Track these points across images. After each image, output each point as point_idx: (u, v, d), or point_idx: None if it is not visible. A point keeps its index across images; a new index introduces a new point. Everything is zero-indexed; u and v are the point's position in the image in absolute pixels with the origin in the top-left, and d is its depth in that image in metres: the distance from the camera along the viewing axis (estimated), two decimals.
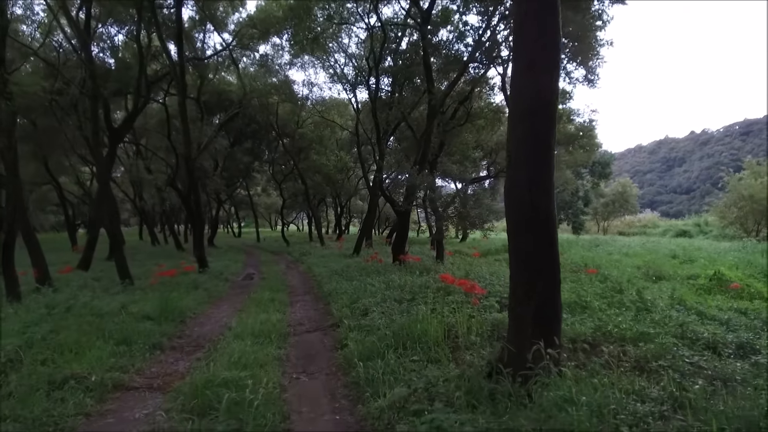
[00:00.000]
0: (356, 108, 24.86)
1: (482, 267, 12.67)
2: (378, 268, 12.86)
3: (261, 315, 7.96)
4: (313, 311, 9.07)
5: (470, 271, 10.58)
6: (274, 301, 9.65)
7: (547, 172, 4.65)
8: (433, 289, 8.21)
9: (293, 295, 11.17)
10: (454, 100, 16.95)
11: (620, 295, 8.21)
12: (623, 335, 5.91)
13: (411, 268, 12.20)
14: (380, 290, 9.09)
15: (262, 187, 48.69)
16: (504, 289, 8.09)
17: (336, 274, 12.83)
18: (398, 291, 8.75)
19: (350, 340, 6.09)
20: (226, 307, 9.67)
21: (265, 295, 10.28)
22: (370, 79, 17.39)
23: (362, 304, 7.97)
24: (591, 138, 18.80)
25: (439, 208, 14.73)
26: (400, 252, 15.25)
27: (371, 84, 16.36)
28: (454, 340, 5.79)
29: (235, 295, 11.38)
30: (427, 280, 9.70)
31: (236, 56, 25.78)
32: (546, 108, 4.62)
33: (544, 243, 4.65)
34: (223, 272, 15.52)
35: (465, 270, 11.25)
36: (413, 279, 9.93)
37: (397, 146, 24.41)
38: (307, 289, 12.20)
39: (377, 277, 10.91)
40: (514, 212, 4.76)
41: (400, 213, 15.10)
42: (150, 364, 5.90)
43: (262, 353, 5.58)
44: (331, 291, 10.06)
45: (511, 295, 4.90)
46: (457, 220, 14.17)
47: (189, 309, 8.87)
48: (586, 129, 18.26)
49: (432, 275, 10.64)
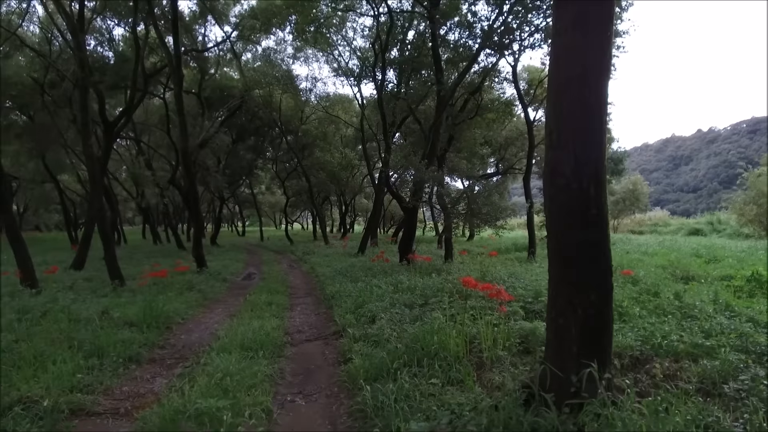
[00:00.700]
0: (361, 103, 23.98)
1: (496, 267, 11.76)
2: (384, 268, 11.98)
3: (255, 321, 7.07)
4: (314, 316, 8.18)
5: (485, 272, 9.64)
6: (272, 304, 8.75)
7: (599, 151, 3.74)
8: (447, 292, 7.31)
9: (293, 297, 10.28)
10: (463, 92, 16.03)
11: (657, 299, 7.29)
12: (675, 348, 5.00)
13: (420, 269, 11.30)
14: (388, 293, 8.20)
15: (266, 186, 47.87)
16: (527, 293, 7.20)
17: (340, 274, 11.95)
18: (408, 294, 7.85)
19: (355, 354, 5.20)
20: (220, 311, 8.80)
21: (262, 297, 9.40)
22: (376, 71, 16.46)
23: (368, 310, 7.07)
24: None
25: (447, 204, 13.84)
26: (407, 251, 14.36)
27: (377, 75, 15.44)
28: (478, 355, 4.89)
29: (232, 297, 10.52)
30: (440, 281, 8.80)
31: (238, 50, 24.97)
32: (599, 72, 3.70)
33: (595, 240, 3.73)
34: (222, 272, 14.68)
35: (480, 271, 10.34)
36: (424, 281, 9.03)
37: (403, 142, 23.52)
38: (308, 291, 11.32)
39: (384, 278, 10.02)
40: (556, 203, 3.84)
41: (408, 210, 14.20)
42: (122, 381, 5.02)
43: (250, 371, 4.68)
44: (334, 293, 9.16)
45: (551, 303, 3.99)
46: (467, 217, 13.24)
47: (178, 313, 7.99)
48: None
49: (444, 276, 9.74)
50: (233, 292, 11.48)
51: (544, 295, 6.88)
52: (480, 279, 8.10)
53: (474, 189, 14.93)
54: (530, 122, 17.59)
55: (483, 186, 13.66)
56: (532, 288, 7.51)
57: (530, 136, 17.53)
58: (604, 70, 3.73)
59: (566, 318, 3.81)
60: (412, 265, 12.26)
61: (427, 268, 11.03)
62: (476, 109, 16.88)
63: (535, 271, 11.14)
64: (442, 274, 10.26)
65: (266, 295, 9.72)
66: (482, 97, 17.25)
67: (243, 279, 14.48)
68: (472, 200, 12.87)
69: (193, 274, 13.75)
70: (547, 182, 3.89)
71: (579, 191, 3.69)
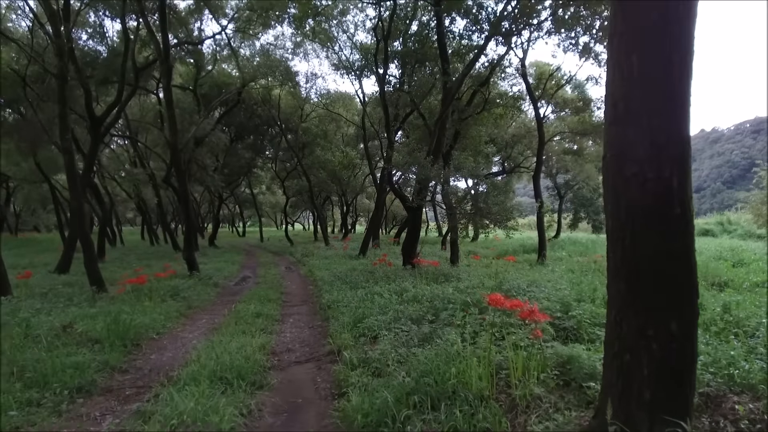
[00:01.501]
0: (362, 99, 22.97)
1: (509, 272, 10.72)
2: (387, 272, 10.95)
3: (239, 338, 6.05)
4: (308, 330, 7.13)
5: (502, 279, 8.60)
6: (261, 316, 7.71)
7: (684, 128, 2.72)
8: (460, 304, 6.28)
9: (287, 305, 9.24)
10: (471, 84, 14.99)
11: (703, 313, 6.24)
12: (748, 380, 3.97)
13: (426, 274, 10.28)
14: (391, 304, 7.17)
15: (266, 186, 46.87)
16: (551, 305, 6.15)
17: (339, 279, 10.92)
18: (415, 306, 6.82)
19: (352, 387, 4.17)
20: (203, 323, 7.77)
21: (251, 307, 8.35)
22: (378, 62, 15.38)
23: (369, 325, 6.04)
24: None
25: (453, 203, 12.81)
26: (411, 254, 13.34)
27: (379, 66, 14.37)
28: (506, 391, 3.85)
29: (221, 305, 9.50)
30: (450, 290, 7.77)
31: (236, 46, 23.96)
32: (686, 15, 2.68)
33: (678, 250, 2.71)
34: (214, 276, 13.66)
35: (492, 277, 9.32)
36: (432, 289, 8.00)
37: (406, 140, 22.49)
38: (304, 298, 10.27)
39: (387, 285, 9.00)
40: (624, 199, 2.79)
41: (412, 210, 13.17)
42: (61, 422, 3.99)
43: (216, 415, 3.65)
44: (331, 302, 8.13)
45: (612, 333, 2.96)
46: (474, 217, 12.18)
47: (153, 327, 6.97)
48: None
49: (454, 284, 8.71)
50: (223, 298, 10.46)
51: (573, 308, 5.85)
52: (497, 288, 7.08)
53: (480, 187, 13.90)
54: (540, 117, 16.56)
55: (490, 184, 12.57)
56: (556, 299, 6.46)
57: (540, 132, 16.48)
58: (691, 14, 2.70)
59: (636, 354, 2.79)
60: (418, 269, 11.25)
61: (434, 274, 10.00)
62: (483, 103, 15.83)
63: (551, 276, 10.10)
64: (451, 281, 9.24)
65: (256, 304, 8.69)
66: (489, 91, 16.21)
67: (236, 283, 13.48)
68: (480, 199, 11.81)
69: (182, 278, 12.76)
70: (612, 171, 2.85)
71: (657, 182, 2.66)
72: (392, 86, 15.51)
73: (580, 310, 5.62)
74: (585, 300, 6.58)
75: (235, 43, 23.65)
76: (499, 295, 4.16)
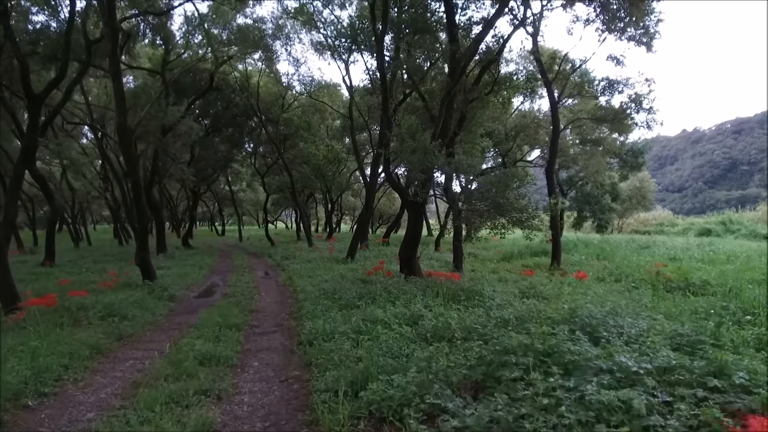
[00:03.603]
0: (349, 85, 20.51)
1: (545, 285, 8.31)
2: (386, 285, 8.43)
3: (164, 415, 3.57)
4: (278, 390, 4.48)
5: (572, 305, 6.06)
6: (211, 360, 5.13)
7: None
8: (520, 350, 3.85)
9: (254, 335, 6.65)
10: (479, 60, 12.55)
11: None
12: None
13: (435, 286, 7.85)
14: (406, 343, 4.73)
15: (247, 182, 43.94)
16: (700, 366, 3.74)
17: (325, 294, 8.41)
18: (446, 350, 4.36)
19: None
20: (124, 369, 5.16)
21: (201, 345, 5.78)
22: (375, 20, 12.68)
23: (379, 396, 3.57)
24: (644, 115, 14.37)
25: (459, 199, 10.41)
26: (411, 260, 10.91)
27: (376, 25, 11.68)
28: None
29: (167, 331, 6.96)
30: (483, 317, 5.35)
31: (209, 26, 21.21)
32: None
33: None
34: (173, 285, 11.05)
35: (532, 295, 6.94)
36: (459, 317, 5.56)
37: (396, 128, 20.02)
38: (278, 320, 7.71)
39: (391, 307, 6.54)
40: None
41: (412, 206, 10.72)
42: None
43: None
44: (315, 335, 5.59)
45: None
46: (490, 214, 9.75)
47: (41, 380, 4.44)
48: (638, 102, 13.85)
49: (483, 305, 6.30)
50: (174, 320, 7.88)
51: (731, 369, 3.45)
52: (568, 320, 4.67)
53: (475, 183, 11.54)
54: (554, 101, 14.24)
55: (508, 174, 10.15)
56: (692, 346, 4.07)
57: (555, 118, 14.18)
58: None
59: None
60: (424, 281, 8.83)
61: (448, 288, 7.53)
62: (492, 83, 13.44)
63: (599, 291, 7.75)
64: (474, 300, 6.82)
65: (211, 336, 6.14)
66: (499, 70, 13.82)
67: (199, 295, 10.90)
68: (499, 192, 9.38)
69: (133, 288, 10.18)
70: None
71: None
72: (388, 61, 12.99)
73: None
74: (725, 345, 4.20)
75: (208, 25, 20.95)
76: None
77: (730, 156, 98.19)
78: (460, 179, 10.74)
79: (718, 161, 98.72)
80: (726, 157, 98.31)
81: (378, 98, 20.30)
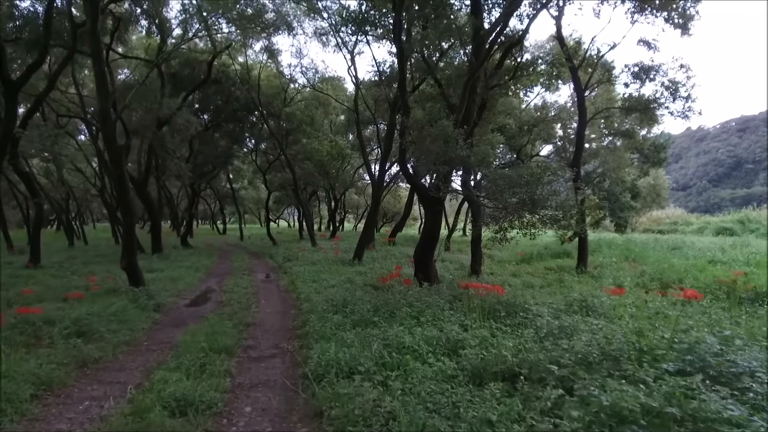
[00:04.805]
0: (355, 74, 19.18)
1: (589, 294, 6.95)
2: (405, 294, 7.11)
3: None
4: None
5: (670, 334, 4.71)
6: (188, 407, 3.83)
7: None
8: (641, 414, 2.56)
9: (248, 360, 5.33)
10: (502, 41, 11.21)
11: None
12: None
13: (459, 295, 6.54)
14: (451, 385, 3.44)
15: (248, 180, 42.59)
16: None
17: (333, 306, 7.06)
18: (516, 405, 3.05)
19: None
20: (78, 412, 3.93)
21: (186, 362, 4.50)
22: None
23: None
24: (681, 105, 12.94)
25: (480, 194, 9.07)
26: (427, 262, 9.61)
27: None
28: None
29: (143, 353, 5.67)
30: (546, 343, 4.06)
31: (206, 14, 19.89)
32: None
33: None
34: (163, 292, 9.78)
35: (588, 310, 5.62)
36: (513, 345, 4.23)
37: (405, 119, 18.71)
38: (279, 338, 6.40)
39: (416, 326, 5.23)
40: None
41: (431, 202, 9.39)
42: None
43: None
44: (326, 367, 4.24)
45: None
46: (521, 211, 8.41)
47: None
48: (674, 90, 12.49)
49: (535, 320, 4.99)
50: (154, 338, 6.57)
51: None
52: (650, 350, 3.35)
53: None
54: (581, 90, 12.90)
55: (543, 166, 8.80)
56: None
57: (581, 108, 12.84)
58: None
59: None
60: (449, 291, 7.53)
61: (486, 303, 6.18)
62: (515, 69, 12.10)
63: (659, 306, 6.44)
64: (516, 317, 5.50)
65: (194, 360, 4.85)
66: (523, 54, 12.48)
67: (190, 303, 9.61)
68: (535, 187, 8.06)
69: (117, 295, 8.90)
70: None
71: None
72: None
73: None
74: None
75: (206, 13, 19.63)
76: None
77: (735, 154, 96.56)
78: (485, 173, 9.37)
79: (723, 159, 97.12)
80: (730, 155, 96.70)
81: (385, 89, 19.15)
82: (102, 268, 13.71)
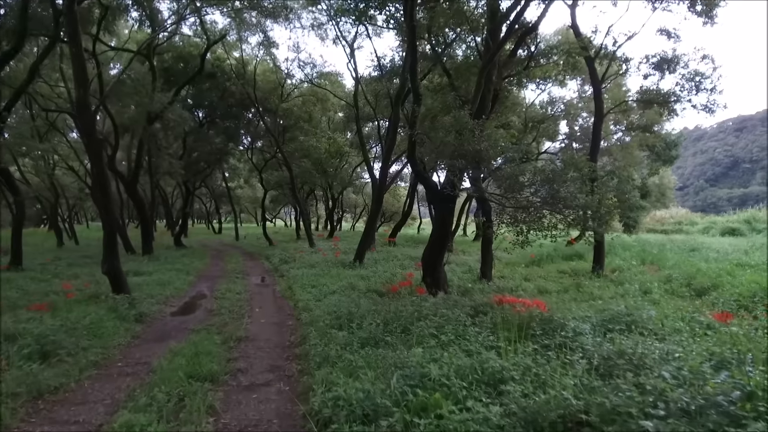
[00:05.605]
0: (355, 67, 18.30)
1: (639, 303, 6.06)
2: (420, 307, 6.19)
3: None
4: None
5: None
6: None
7: None
8: None
9: (237, 390, 4.39)
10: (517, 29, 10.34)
11: None
12: None
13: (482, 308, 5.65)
14: None
15: (244, 179, 41.59)
16: None
17: (337, 319, 6.15)
18: None
19: None
20: None
21: (160, 397, 3.62)
22: None
23: None
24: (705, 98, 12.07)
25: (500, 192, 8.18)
26: (436, 266, 8.71)
27: None
28: None
29: (114, 379, 4.77)
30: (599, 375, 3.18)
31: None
32: None
33: None
34: (148, 299, 8.86)
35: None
36: (561, 382, 3.35)
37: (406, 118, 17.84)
38: (276, 358, 5.48)
39: (438, 348, 4.35)
40: None
41: (443, 201, 8.49)
42: None
43: None
44: (333, 405, 3.39)
45: None
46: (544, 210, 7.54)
47: None
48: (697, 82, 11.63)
49: (577, 339, 4.12)
50: (130, 356, 5.66)
51: None
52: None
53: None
54: (598, 82, 12.03)
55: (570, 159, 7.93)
56: None
57: (598, 100, 11.99)
58: None
59: None
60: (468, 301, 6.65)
61: (522, 319, 5.26)
62: (528, 59, 11.23)
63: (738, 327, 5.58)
64: (555, 337, 4.62)
65: (171, 392, 3.95)
66: (538, 43, 11.61)
67: (177, 311, 8.69)
68: (560, 183, 7.18)
69: (97, 303, 7.98)
70: None
71: None
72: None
73: None
74: None
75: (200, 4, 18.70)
76: None
77: (732, 154, 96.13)
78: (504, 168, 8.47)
79: (720, 159, 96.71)
80: (728, 154, 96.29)
81: (386, 84, 18.27)
82: (87, 271, 12.80)
